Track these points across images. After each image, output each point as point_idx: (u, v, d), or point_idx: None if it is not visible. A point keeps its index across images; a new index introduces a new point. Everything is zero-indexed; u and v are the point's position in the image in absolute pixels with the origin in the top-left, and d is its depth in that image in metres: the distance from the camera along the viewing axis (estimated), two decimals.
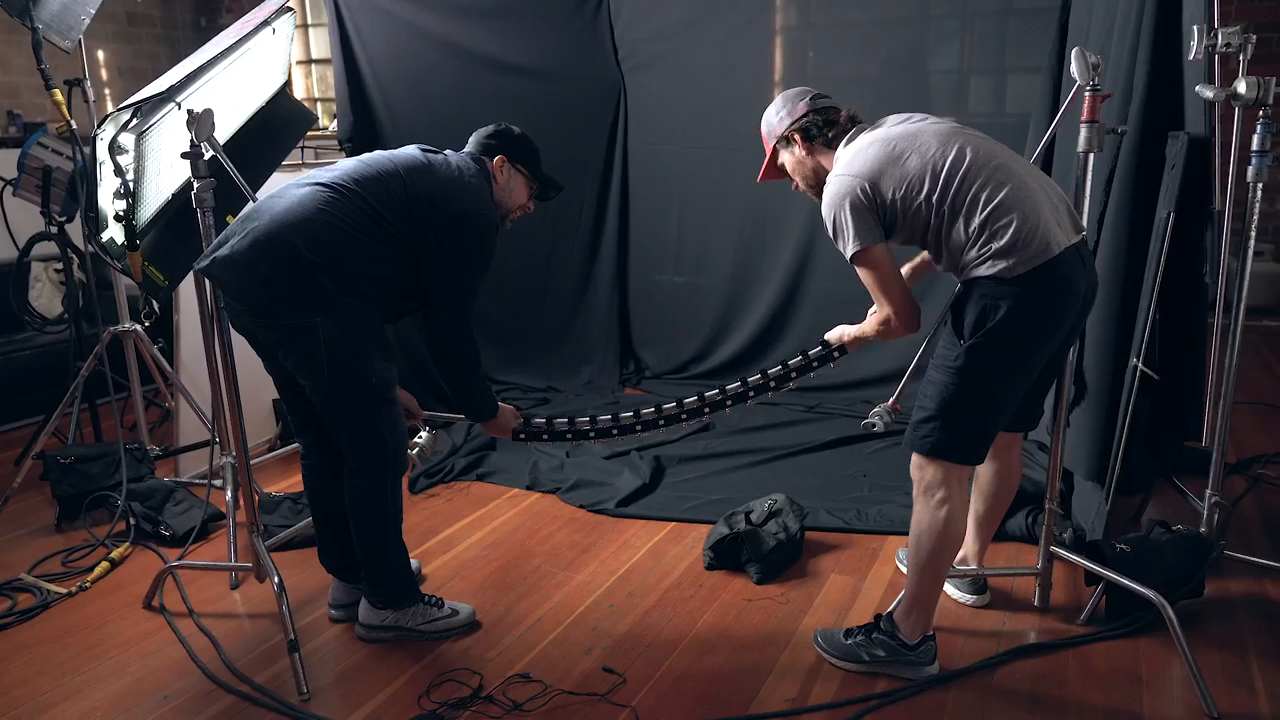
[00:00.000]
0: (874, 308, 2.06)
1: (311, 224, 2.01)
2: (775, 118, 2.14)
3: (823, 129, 2.07)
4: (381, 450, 2.15)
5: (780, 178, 2.21)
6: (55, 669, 2.21)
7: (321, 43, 7.36)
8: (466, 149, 2.30)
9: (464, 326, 2.18)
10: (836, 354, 2.31)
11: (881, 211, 1.92)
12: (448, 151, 2.26)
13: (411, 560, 2.36)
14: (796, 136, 2.10)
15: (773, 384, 2.37)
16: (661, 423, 2.42)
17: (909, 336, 2.08)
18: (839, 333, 2.28)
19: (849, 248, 1.94)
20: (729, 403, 2.39)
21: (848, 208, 1.91)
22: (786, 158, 2.15)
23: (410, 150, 2.23)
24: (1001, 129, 3.77)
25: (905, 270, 2.25)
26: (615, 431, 2.44)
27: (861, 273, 1.98)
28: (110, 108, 3.74)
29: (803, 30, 4.14)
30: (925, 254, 2.18)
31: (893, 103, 3.86)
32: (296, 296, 2.01)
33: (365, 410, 2.12)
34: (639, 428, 2.44)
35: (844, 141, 2.04)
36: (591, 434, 2.45)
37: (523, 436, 2.46)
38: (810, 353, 2.34)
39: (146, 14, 7.41)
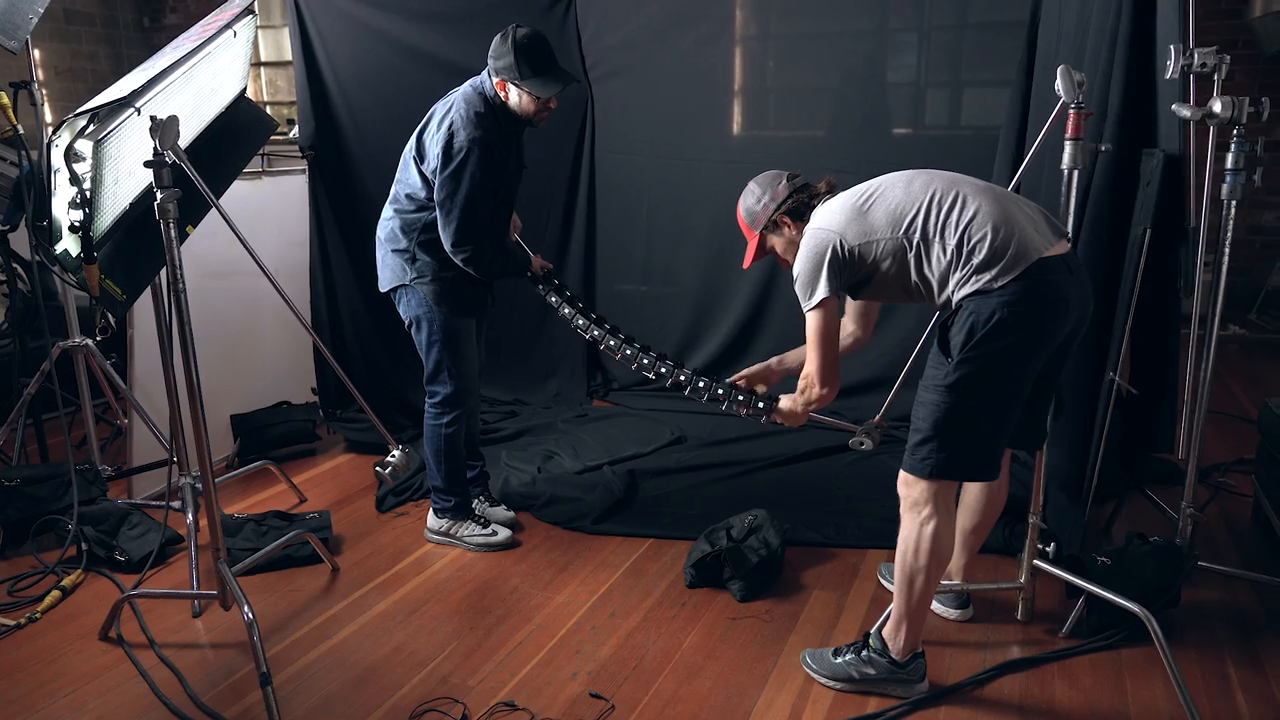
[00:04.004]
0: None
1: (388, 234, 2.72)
2: (758, 205, 2.15)
3: (809, 203, 2.09)
4: (443, 389, 2.73)
5: (764, 257, 2.22)
6: (5, 708, 2.08)
7: (271, 46, 7.17)
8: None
9: (466, 237, 2.53)
10: (754, 404, 2.35)
11: (851, 265, 1.96)
12: (465, 85, 2.61)
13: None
14: (786, 219, 2.11)
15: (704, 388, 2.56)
16: (651, 369, 2.75)
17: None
18: (786, 401, 2.27)
19: (817, 295, 1.97)
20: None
21: (826, 260, 1.95)
22: (776, 241, 2.16)
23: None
24: (957, 141, 3.82)
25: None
26: (595, 330, 2.70)
27: (813, 321, 2.01)
28: (48, 109, 3.55)
29: (762, 40, 4.14)
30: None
31: (852, 113, 3.94)
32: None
33: (434, 351, 2.69)
34: (624, 352, 2.74)
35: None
36: (580, 319, 2.69)
37: (540, 286, 2.78)
38: (741, 392, 2.40)
39: (85, 12, 7.13)
